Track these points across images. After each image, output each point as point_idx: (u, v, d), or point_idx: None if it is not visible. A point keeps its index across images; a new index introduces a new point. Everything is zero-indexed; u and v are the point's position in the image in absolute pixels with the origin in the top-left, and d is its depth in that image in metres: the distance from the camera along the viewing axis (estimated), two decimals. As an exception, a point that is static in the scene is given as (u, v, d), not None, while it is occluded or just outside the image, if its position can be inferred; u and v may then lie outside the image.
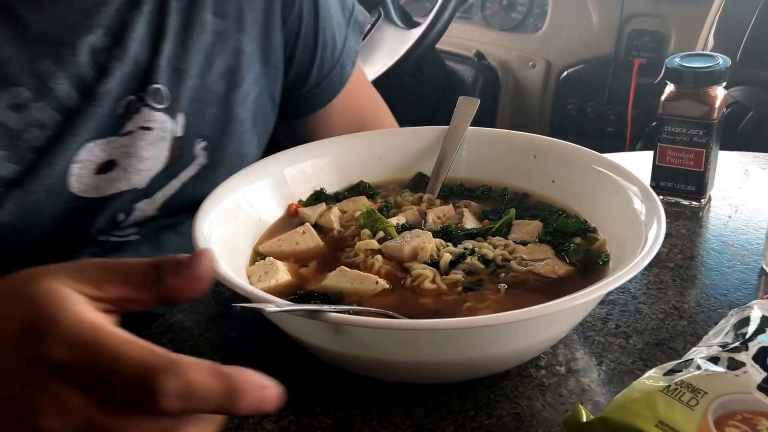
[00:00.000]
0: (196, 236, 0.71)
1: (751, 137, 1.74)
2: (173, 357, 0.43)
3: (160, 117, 0.84)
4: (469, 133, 0.92)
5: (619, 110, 2.24)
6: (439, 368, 0.65)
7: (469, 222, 0.81)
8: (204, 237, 0.71)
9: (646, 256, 0.63)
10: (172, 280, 0.47)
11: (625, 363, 0.70)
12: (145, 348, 0.43)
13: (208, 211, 0.76)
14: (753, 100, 1.76)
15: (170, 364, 0.42)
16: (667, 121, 0.98)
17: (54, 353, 0.43)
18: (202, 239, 0.70)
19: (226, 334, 0.77)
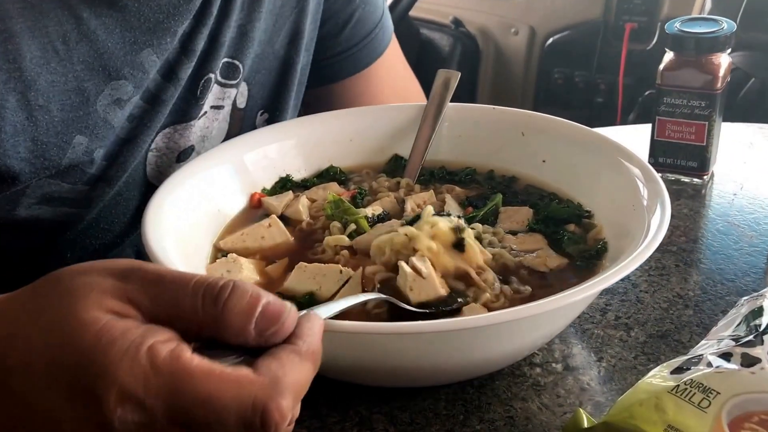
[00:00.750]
0: (146, 232, 0.68)
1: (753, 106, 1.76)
2: (271, 375, 0.43)
3: (229, 93, 0.89)
4: (449, 110, 0.91)
5: (610, 79, 2.24)
6: (422, 372, 0.64)
7: (452, 210, 0.80)
8: (156, 232, 0.69)
9: (649, 247, 0.62)
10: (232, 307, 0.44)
11: (626, 358, 0.70)
12: (233, 376, 0.43)
13: (160, 203, 0.74)
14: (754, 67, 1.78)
15: (271, 386, 0.42)
16: (667, 92, 0.97)
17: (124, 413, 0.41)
18: (153, 235, 0.68)
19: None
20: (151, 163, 0.86)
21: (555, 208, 0.79)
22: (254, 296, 0.44)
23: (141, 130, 0.81)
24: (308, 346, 0.45)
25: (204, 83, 0.85)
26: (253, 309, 0.44)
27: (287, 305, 0.45)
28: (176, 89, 0.82)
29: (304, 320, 0.46)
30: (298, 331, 0.45)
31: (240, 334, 0.44)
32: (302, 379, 0.44)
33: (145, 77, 0.78)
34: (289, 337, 0.45)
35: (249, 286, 0.45)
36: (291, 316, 0.45)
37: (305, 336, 0.45)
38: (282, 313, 0.45)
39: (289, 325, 0.45)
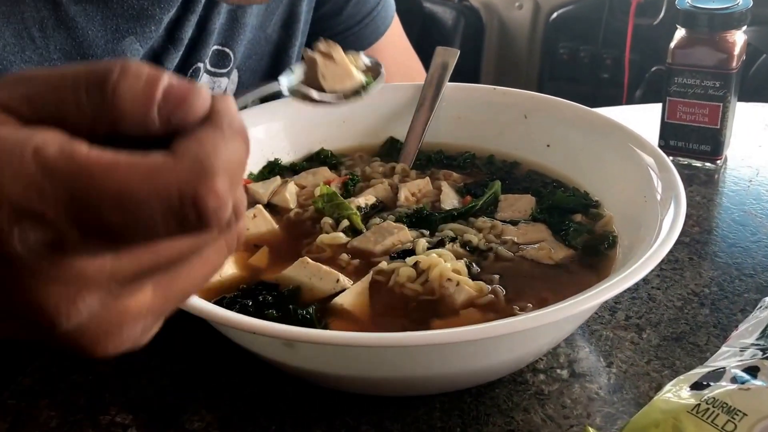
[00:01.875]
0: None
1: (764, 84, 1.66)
2: (192, 157, 0.32)
3: (220, 82, 0.82)
4: (448, 90, 0.82)
5: (616, 54, 2.14)
6: (414, 382, 0.57)
7: (449, 199, 0.73)
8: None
9: (664, 245, 0.55)
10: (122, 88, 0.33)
11: (638, 363, 0.63)
12: (145, 165, 0.31)
13: None
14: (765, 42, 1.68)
15: (197, 169, 0.31)
16: (678, 72, 0.89)
17: (22, 233, 0.31)
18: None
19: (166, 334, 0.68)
20: None
21: (560, 196, 0.71)
22: (151, 78, 0.33)
23: None
24: (230, 121, 0.34)
25: (192, 73, 0.79)
26: (151, 93, 0.33)
27: (194, 85, 0.34)
28: None
29: (217, 100, 0.35)
30: (214, 111, 0.34)
31: (141, 123, 0.33)
32: (233, 156, 0.33)
33: None
34: (205, 119, 0.34)
35: (143, 67, 0.34)
36: (201, 95, 0.34)
37: (224, 113, 0.34)
38: (189, 93, 0.33)
39: (201, 105, 0.34)
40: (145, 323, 0.36)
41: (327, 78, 0.60)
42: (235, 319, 0.51)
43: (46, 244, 0.31)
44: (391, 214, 0.70)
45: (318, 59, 0.61)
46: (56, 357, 0.65)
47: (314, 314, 0.58)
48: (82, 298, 0.32)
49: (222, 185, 0.31)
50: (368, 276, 0.62)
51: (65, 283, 0.32)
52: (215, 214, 0.31)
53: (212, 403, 0.60)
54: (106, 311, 0.34)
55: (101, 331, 0.34)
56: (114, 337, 0.34)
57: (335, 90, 0.61)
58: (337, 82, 0.61)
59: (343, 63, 0.61)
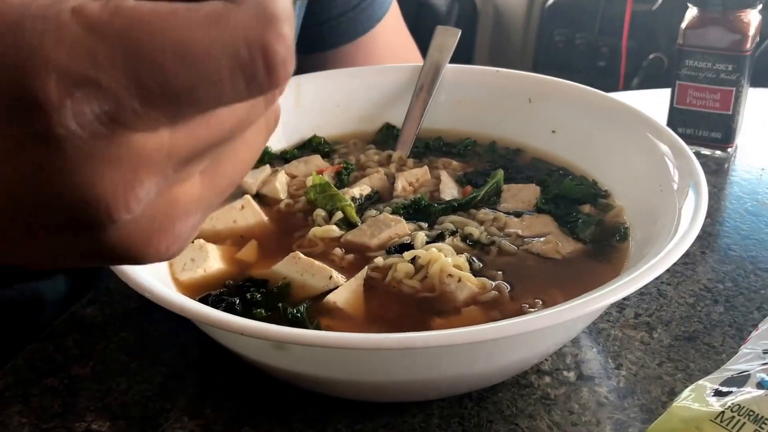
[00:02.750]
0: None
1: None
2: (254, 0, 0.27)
3: None
4: (448, 72, 0.78)
5: (612, 42, 2.09)
6: (412, 387, 0.53)
7: (448, 189, 0.68)
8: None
9: (685, 238, 0.50)
10: None
11: (649, 365, 0.59)
12: (205, 11, 0.27)
13: None
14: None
15: (261, 13, 0.27)
16: (689, 54, 0.84)
17: (77, 105, 0.26)
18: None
19: (147, 333, 0.64)
20: None
21: (568, 185, 0.67)
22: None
23: None
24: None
25: None
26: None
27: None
28: None
29: None
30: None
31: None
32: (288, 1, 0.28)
33: None
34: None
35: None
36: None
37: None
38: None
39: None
40: (195, 218, 0.31)
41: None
42: (220, 318, 0.47)
43: (102, 117, 0.26)
44: (388, 205, 0.66)
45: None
46: (28, 359, 0.61)
47: (305, 313, 0.54)
48: (141, 181, 0.27)
49: (289, 30, 0.27)
50: (363, 272, 0.57)
51: (123, 165, 0.27)
52: (284, 67, 0.27)
53: (195, 409, 0.55)
54: (160, 203, 0.29)
55: (154, 228, 0.29)
56: (166, 234, 0.29)
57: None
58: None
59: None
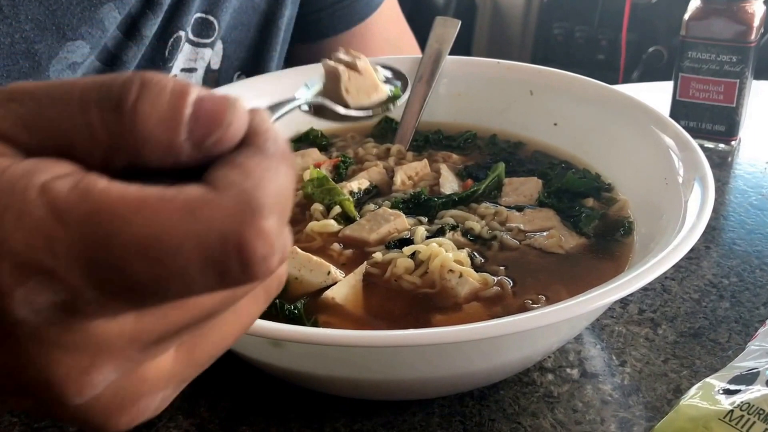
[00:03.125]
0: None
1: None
2: (237, 189, 0.25)
3: (203, 53, 0.76)
4: (448, 64, 0.76)
5: (612, 35, 2.08)
6: (412, 385, 0.51)
7: (448, 183, 0.67)
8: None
9: (692, 232, 0.49)
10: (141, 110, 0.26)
11: (654, 362, 0.57)
12: (180, 201, 0.25)
13: None
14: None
15: (242, 206, 0.25)
16: (692, 45, 0.83)
17: (28, 294, 0.24)
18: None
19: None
20: None
21: (570, 179, 0.65)
22: (177, 91, 0.26)
23: None
24: (275, 144, 0.27)
25: (173, 42, 0.72)
26: (179, 110, 0.26)
27: (230, 98, 0.27)
28: (139, 48, 0.69)
29: (254, 115, 0.28)
30: (254, 130, 0.27)
31: (167, 151, 0.26)
32: (283, 189, 0.27)
33: (103, 36, 0.66)
34: (242, 141, 0.27)
35: (166, 78, 0.27)
36: (239, 111, 0.27)
37: (265, 133, 0.27)
38: (225, 108, 0.26)
39: (239, 124, 0.27)
40: (165, 393, 0.29)
41: (351, 92, 0.55)
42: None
43: (56, 306, 0.25)
44: (387, 199, 0.65)
45: (341, 71, 0.55)
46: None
47: (303, 310, 0.53)
48: (98, 368, 0.26)
49: (273, 226, 0.25)
50: (362, 267, 0.56)
51: (78, 352, 0.26)
52: (263, 264, 0.25)
53: (189, 408, 0.54)
54: (123, 381, 0.28)
55: (115, 405, 0.28)
56: (129, 411, 0.28)
57: (361, 105, 0.56)
58: (363, 95, 0.56)
59: (369, 74, 0.56)
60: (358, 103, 0.55)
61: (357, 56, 0.58)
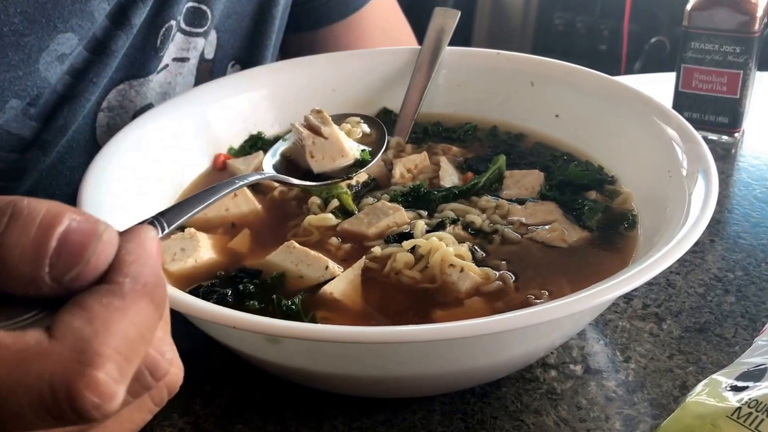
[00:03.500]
0: (83, 202, 0.55)
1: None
2: (74, 339, 0.27)
3: (196, 43, 0.75)
4: (447, 55, 0.75)
5: (613, 25, 2.06)
6: (412, 382, 0.50)
7: (448, 176, 0.65)
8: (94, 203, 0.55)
9: (697, 225, 0.48)
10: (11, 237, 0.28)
11: (659, 358, 0.56)
12: (14, 350, 0.27)
13: (103, 167, 0.60)
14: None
15: (75, 355, 0.27)
16: (695, 36, 0.82)
17: None
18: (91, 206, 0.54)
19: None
20: (101, 125, 0.72)
21: (573, 171, 0.64)
22: (45, 223, 0.28)
23: (85, 85, 0.67)
24: (134, 281, 0.29)
25: (165, 32, 0.71)
26: (43, 245, 0.28)
27: (98, 228, 0.29)
28: (128, 37, 0.68)
29: (128, 242, 0.30)
30: (118, 263, 0.29)
31: (30, 283, 0.28)
32: (130, 330, 0.28)
33: (92, 27, 0.65)
34: (105, 274, 0.29)
35: (39, 206, 0.28)
36: (103, 245, 0.29)
37: (128, 267, 0.29)
38: (88, 243, 0.28)
39: (101, 261, 0.29)
40: None
41: (316, 156, 0.57)
42: (212, 311, 0.45)
43: None
44: (386, 192, 0.63)
45: (305, 136, 0.57)
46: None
47: (301, 305, 0.52)
48: None
49: (105, 375, 0.27)
50: (360, 262, 0.55)
51: None
52: (97, 411, 0.26)
53: (185, 406, 0.53)
54: None
55: None
56: None
57: (325, 169, 0.59)
58: (328, 160, 0.58)
59: (335, 140, 0.58)
60: (321, 168, 0.58)
61: (324, 121, 0.59)
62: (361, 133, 0.64)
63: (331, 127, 0.58)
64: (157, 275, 0.30)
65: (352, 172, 0.60)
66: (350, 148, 0.59)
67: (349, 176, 0.59)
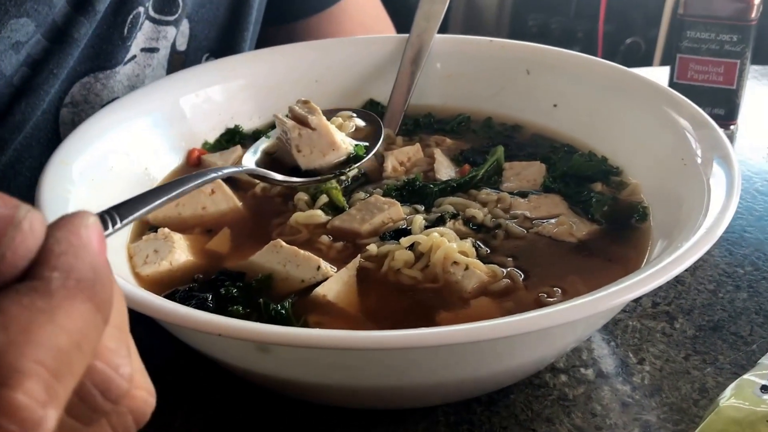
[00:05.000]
0: (42, 200, 0.49)
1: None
2: None
3: (166, 32, 0.70)
4: (437, 44, 0.71)
5: (588, 26, 2.05)
6: (414, 392, 0.46)
7: (444, 168, 0.61)
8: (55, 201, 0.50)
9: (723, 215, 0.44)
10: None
11: (675, 359, 0.53)
12: None
13: (65, 162, 0.54)
14: None
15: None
16: (691, 25, 0.79)
17: None
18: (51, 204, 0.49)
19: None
20: (65, 122, 0.66)
21: (577, 161, 0.61)
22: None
23: (44, 77, 0.62)
24: (64, 276, 0.23)
25: (132, 19, 0.66)
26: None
27: (17, 214, 0.23)
28: (91, 24, 0.63)
29: (58, 230, 0.25)
30: (44, 255, 0.24)
31: None
32: (61, 337, 0.23)
33: (51, 12, 0.59)
34: (28, 269, 0.24)
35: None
36: (23, 235, 0.23)
37: (57, 258, 0.24)
38: (2, 232, 0.23)
39: (19, 254, 0.23)
40: None
41: (303, 150, 0.51)
42: (194, 317, 0.40)
43: None
44: (378, 186, 0.59)
45: (290, 128, 0.50)
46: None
47: (291, 309, 0.47)
48: None
49: (27, 397, 0.21)
50: (355, 261, 0.50)
51: None
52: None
53: (162, 422, 0.47)
54: None
55: None
56: None
57: (312, 166, 0.52)
58: (317, 154, 0.52)
59: (325, 131, 0.51)
60: (310, 164, 0.52)
61: (312, 110, 0.53)
62: (354, 127, 0.59)
63: (319, 117, 0.53)
64: (97, 269, 0.24)
65: (346, 168, 0.54)
66: (342, 141, 0.53)
67: (342, 172, 0.54)
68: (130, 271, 0.52)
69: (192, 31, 0.73)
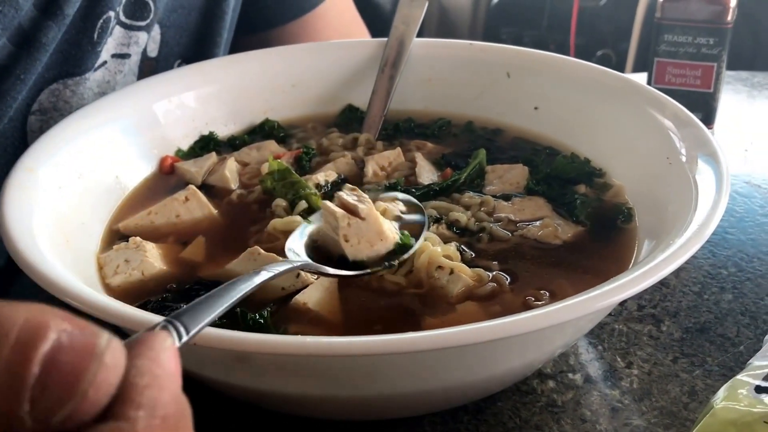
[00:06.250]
0: (5, 211, 0.46)
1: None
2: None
3: (137, 38, 0.67)
4: (416, 47, 0.70)
5: (560, 39, 2.06)
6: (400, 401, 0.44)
7: (425, 173, 0.60)
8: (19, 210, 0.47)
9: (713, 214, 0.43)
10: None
11: (663, 362, 0.51)
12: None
13: (30, 169, 0.52)
14: None
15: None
16: (668, 28, 0.78)
17: None
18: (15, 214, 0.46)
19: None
20: (33, 130, 0.64)
21: (561, 163, 0.59)
22: (23, 341, 0.20)
23: (11, 83, 0.59)
24: (150, 413, 0.22)
25: (102, 24, 0.64)
26: (20, 373, 0.20)
27: (98, 344, 0.21)
28: (60, 29, 0.61)
29: (138, 358, 0.23)
30: (128, 390, 0.22)
31: (7, 422, 0.20)
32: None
33: (17, 15, 0.57)
34: (110, 405, 0.22)
35: (16, 312, 0.21)
36: (105, 370, 0.21)
37: (141, 394, 0.22)
38: (85, 367, 0.21)
39: (102, 392, 0.21)
40: None
41: (351, 240, 0.47)
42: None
43: None
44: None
45: (340, 217, 0.47)
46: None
47: (269, 319, 0.45)
48: None
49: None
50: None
51: None
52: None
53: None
54: None
55: None
56: None
57: (362, 256, 0.47)
58: (365, 245, 0.47)
59: (374, 220, 0.47)
60: (358, 254, 0.48)
61: (362, 199, 0.49)
62: (399, 212, 0.53)
63: (369, 206, 0.49)
64: (179, 401, 0.23)
65: (393, 259, 0.48)
66: (389, 230, 0.49)
67: (391, 264, 0.48)
68: (99, 281, 0.50)
69: (164, 37, 0.71)
